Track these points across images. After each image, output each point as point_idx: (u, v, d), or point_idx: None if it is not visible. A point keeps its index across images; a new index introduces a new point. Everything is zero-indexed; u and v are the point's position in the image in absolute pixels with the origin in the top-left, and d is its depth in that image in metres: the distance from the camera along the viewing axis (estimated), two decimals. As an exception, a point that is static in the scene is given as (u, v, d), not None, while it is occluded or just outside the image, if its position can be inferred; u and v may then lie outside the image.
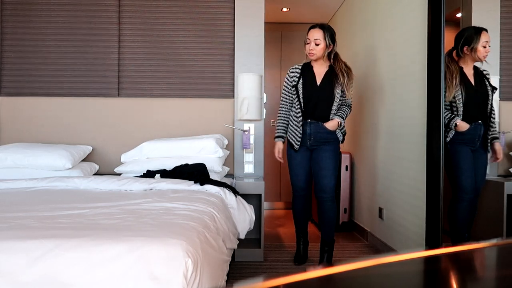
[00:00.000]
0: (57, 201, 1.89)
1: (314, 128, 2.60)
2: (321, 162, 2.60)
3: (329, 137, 2.61)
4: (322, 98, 2.58)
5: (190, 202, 1.86)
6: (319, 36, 2.55)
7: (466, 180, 2.23)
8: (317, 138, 2.60)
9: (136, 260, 1.19)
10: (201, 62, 3.22)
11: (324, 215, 2.65)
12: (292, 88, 2.64)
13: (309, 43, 2.58)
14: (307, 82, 2.61)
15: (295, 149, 2.63)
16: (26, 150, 2.76)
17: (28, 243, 1.21)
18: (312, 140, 2.61)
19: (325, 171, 2.59)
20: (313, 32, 2.58)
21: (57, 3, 3.18)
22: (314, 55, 2.58)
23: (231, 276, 2.45)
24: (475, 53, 2.15)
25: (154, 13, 3.20)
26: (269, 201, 4.91)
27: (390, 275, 0.58)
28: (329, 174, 2.59)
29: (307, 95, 2.59)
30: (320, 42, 2.55)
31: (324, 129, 2.59)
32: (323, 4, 4.33)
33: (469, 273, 0.63)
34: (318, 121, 2.59)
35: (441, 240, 2.16)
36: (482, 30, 2.13)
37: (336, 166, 2.64)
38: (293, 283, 0.50)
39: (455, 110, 2.19)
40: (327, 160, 2.59)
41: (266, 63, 3.30)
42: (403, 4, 2.68)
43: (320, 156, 2.60)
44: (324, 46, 2.56)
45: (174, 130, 3.18)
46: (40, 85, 3.19)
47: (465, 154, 2.21)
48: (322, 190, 2.61)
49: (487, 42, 2.13)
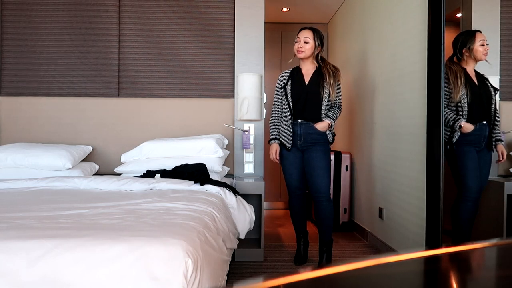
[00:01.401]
0: (57, 201, 1.89)
1: (305, 128, 2.62)
2: (312, 162, 2.62)
3: (319, 138, 2.63)
4: (310, 97, 2.61)
5: (190, 202, 1.86)
6: (309, 35, 2.62)
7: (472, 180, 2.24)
8: (308, 139, 2.62)
9: (136, 260, 1.19)
10: (201, 62, 3.22)
11: (320, 214, 2.65)
12: (281, 90, 2.69)
13: (299, 42, 2.64)
14: (295, 82, 2.66)
15: (288, 149, 2.65)
16: (26, 150, 2.76)
17: (28, 243, 1.21)
18: (303, 141, 2.63)
19: (318, 171, 2.60)
20: (303, 32, 2.66)
21: (57, 3, 3.18)
22: (302, 52, 2.63)
23: (231, 276, 2.45)
24: (474, 53, 2.16)
25: (154, 13, 3.20)
26: (269, 201, 4.91)
27: (390, 275, 0.58)
28: (322, 173, 2.60)
29: (295, 94, 2.64)
30: (309, 41, 2.62)
31: (314, 130, 2.61)
32: (323, 4, 4.33)
33: (469, 273, 0.63)
34: (308, 121, 2.62)
35: (441, 240, 2.16)
36: (476, 32, 2.15)
37: (328, 165, 2.65)
38: (293, 283, 0.50)
39: (460, 111, 2.19)
40: (318, 160, 2.60)
41: (266, 63, 3.31)
42: (403, 4, 2.68)
43: (312, 156, 2.62)
44: (313, 46, 2.63)
45: (174, 130, 3.18)
46: (40, 85, 3.19)
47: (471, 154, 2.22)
48: (317, 190, 2.61)
49: (484, 41, 2.14)
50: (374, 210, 3.20)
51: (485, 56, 2.16)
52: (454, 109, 2.21)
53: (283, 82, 2.69)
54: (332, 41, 4.78)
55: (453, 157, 2.21)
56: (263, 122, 3.16)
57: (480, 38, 2.14)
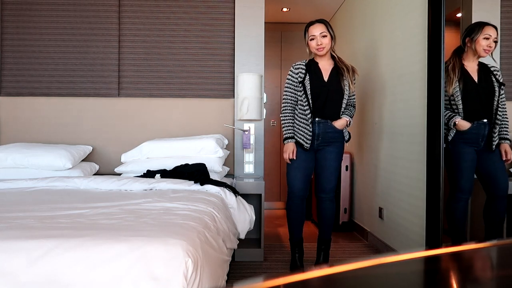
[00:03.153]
0: (57, 201, 1.89)
1: (323, 127, 2.49)
2: (324, 163, 2.55)
3: (337, 136, 2.54)
4: (331, 94, 2.49)
5: (190, 202, 1.86)
6: (323, 29, 2.47)
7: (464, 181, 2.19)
8: (325, 138, 2.51)
9: (136, 260, 1.19)
10: (201, 62, 3.22)
11: (322, 213, 2.64)
12: (299, 85, 2.48)
13: (315, 39, 2.47)
14: (314, 78, 2.48)
15: (305, 148, 2.49)
16: (26, 150, 2.76)
17: (28, 243, 1.21)
18: (320, 140, 2.51)
19: (328, 173, 2.56)
20: (315, 27, 2.48)
21: (57, 3, 3.18)
22: (323, 48, 2.47)
23: (231, 276, 2.45)
24: (476, 44, 2.08)
25: (154, 13, 3.20)
26: (269, 201, 4.91)
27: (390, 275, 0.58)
28: (330, 176, 2.57)
29: (315, 91, 2.47)
30: (326, 34, 2.47)
31: (333, 128, 2.51)
32: (323, 4, 4.33)
33: (469, 273, 0.63)
34: (327, 119, 2.50)
35: (441, 240, 2.16)
36: (488, 24, 2.07)
37: (339, 166, 2.62)
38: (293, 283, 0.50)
39: (455, 108, 2.13)
40: (331, 162, 2.55)
41: (266, 63, 3.30)
42: (403, 4, 2.68)
43: (325, 157, 2.55)
44: (330, 39, 2.49)
45: (174, 130, 3.18)
46: (40, 85, 3.19)
47: (467, 155, 2.14)
48: (323, 190, 2.59)
49: (490, 36, 2.06)
50: (374, 210, 3.20)
51: (487, 53, 2.08)
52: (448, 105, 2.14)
53: (300, 77, 2.48)
54: (332, 41, 4.78)
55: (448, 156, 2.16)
56: (263, 122, 3.16)
57: (487, 32, 2.06)
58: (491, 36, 2.06)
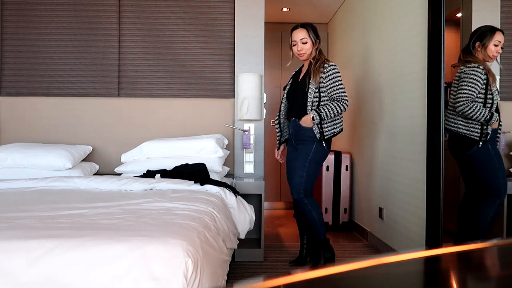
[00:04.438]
0: (57, 201, 1.89)
1: (293, 126, 2.58)
2: (290, 163, 2.63)
3: (308, 135, 2.49)
4: (297, 94, 2.58)
5: (190, 202, 1.86)
6: (304, 35, 2.52)
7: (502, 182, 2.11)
8: (297, 137, 2.57)
9: (136, 260, 1.19)
10: (201, 62, 3.22)
11: (301, 217, 2.64)
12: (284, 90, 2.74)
13: (296, 44, 2.55)
14: (293, 81, 2.67)
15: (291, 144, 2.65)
16: (26, 150, 2.76)
17: (28, 243, 1.21)
18: (294, 139, 2.60)
19: (292, 172, 2.58)
20: (297, 32, 2.54)
21: (57, 3, 3.18)
22: (304, 54, 2.55)
23: (231, 276, 2.45)
24: (486, 50, 2.08)
25: (154, 13, 3.20)
26: (269, 201, 4.91)
27: (390, 275, 0.58)
28: (295, 175, 2.54)
29: (288, 93, 2.66)
30: (307, 41, 2.52)
31: (300, 126, 2.52)
32: (323, 4, 4.33)
33: (469, 273, 0.63)
34: (296, 118, 2.56)
35: (441, 240, 2.16)
36: (498, 30, 2.08)
37: (305, 166, 2.49)
38: (293, 283, 0.50)
39: (489, 107, 2.05)
40: (295, 161, 2.57)
41: (266, 63, 3.30)
42: (403, 4, 2.68)
43: (293, 156, 2.61)
44: (311, 44, 2.54)
45: (174, 130, 3.18)
46: (40, 85, 3.19)
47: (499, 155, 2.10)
48: (291, 191, 2.59)
49: (500, 42, 2.07)
50: (374, 210, 3.20)
51: (494, 58, 2.10)
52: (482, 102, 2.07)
53: (287, 83, 2.72)
54: (332, 41, 4.78)
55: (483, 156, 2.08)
56: (263, 122, 3.16)
57: (497, 38, 2.07)
58: (500, 43, 2.08)
